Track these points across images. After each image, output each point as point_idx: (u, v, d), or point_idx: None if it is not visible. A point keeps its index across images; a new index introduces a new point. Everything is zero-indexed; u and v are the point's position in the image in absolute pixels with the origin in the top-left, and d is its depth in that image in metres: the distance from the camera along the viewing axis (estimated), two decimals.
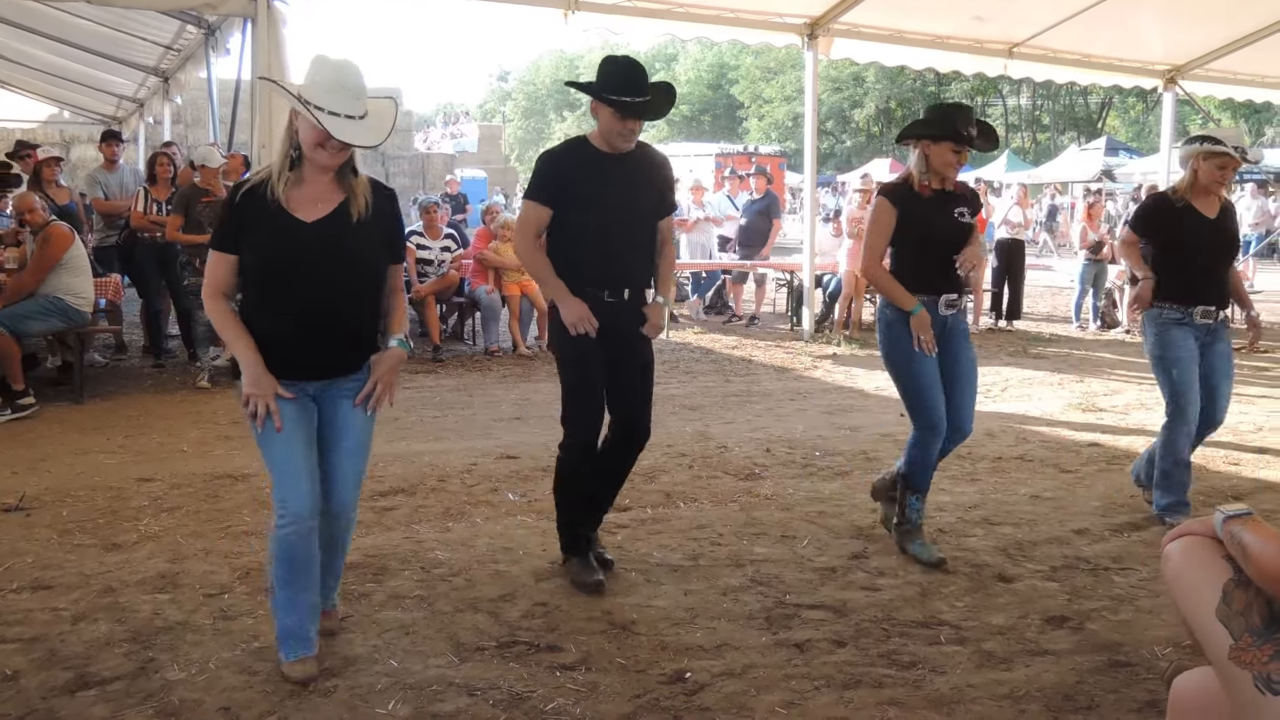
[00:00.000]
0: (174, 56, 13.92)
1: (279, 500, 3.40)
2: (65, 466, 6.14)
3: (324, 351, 3.48)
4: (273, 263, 3.40)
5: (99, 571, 4.43)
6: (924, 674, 3.58)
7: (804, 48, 11.57)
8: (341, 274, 3.43)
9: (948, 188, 4.71)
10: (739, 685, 3.49)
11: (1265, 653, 2.10)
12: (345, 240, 3.43)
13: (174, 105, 16.10)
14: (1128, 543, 5.02)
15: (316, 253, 3.39)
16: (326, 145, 3.33)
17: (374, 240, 3.52)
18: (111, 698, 3.33)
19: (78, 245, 8.02)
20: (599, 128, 4.19)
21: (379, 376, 3.54)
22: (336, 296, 3.44)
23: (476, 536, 4.98)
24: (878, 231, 4.71)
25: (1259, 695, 2.08)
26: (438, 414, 7.84)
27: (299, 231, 3.39)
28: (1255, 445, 7.07)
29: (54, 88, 18.30)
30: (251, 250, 3.41)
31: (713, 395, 8.77)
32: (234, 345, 3.43)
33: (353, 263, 3.45)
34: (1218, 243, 5.30)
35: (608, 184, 4.15)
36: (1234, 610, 2.19)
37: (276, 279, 3.41)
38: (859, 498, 5.65)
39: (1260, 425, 7.72)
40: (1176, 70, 13.27)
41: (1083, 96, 52.24)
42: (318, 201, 3.44)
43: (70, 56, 14.90)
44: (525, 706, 3.32)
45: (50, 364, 9.09)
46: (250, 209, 3.40)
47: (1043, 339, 12.61)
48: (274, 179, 3.40)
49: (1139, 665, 3.66)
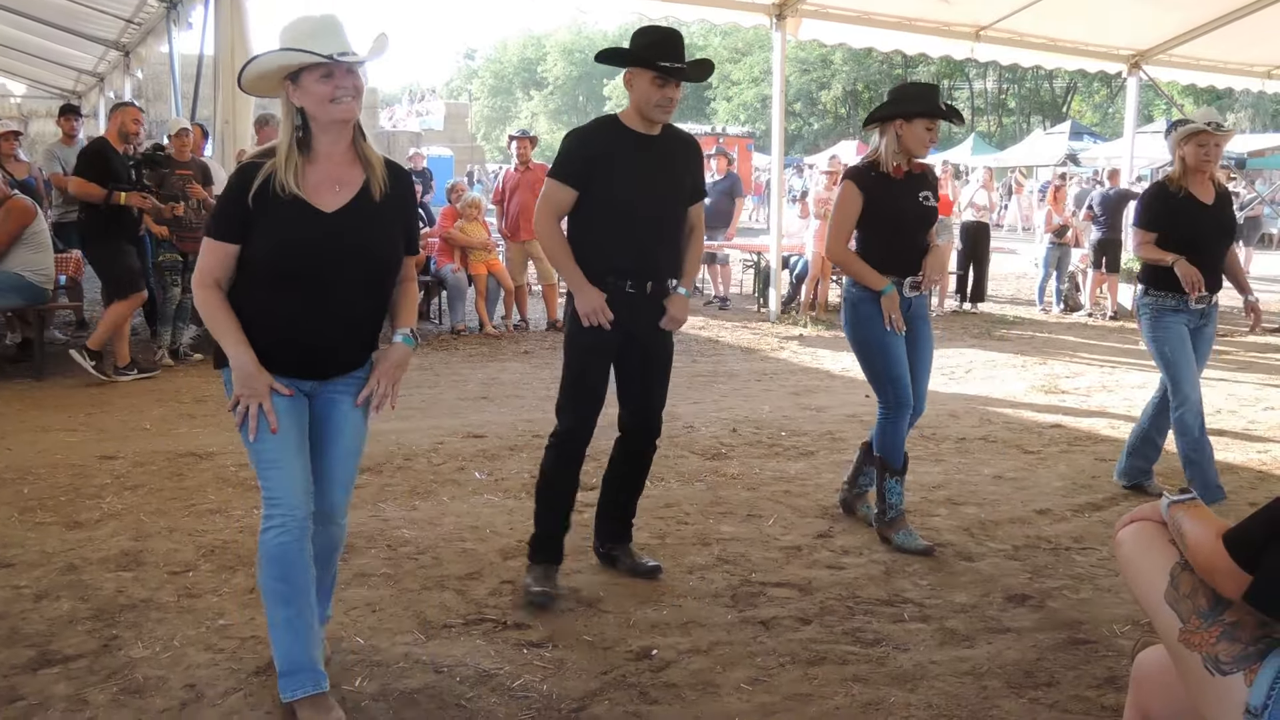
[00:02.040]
0: (135, 30, 13.77)
1: (269, 501, 3.06)
2: (26, 444, 6.07)
3: (331, 352, 3.17)
4: (288, 259, 3.03)
5: (61, 549, 4.39)
6: (887, 651, 3.62)
7: (772, 28, 11.58)
8: (362, 266, 3.11)
9: (914, 170, 4.74)
10: (705, 662, 3.51)
11: (1212, 634, 2.13)
12: (367, 230, 3.09)
13: (135, 79, 15.94)
14: (1088, 522, 5.10)
15: (337, 250, 3.04)
16: (337, 89, 2.95)
17: (395, 231, 3.19)
18: (75, 675, 3.31)
19: (39, 220, 7.91)
20: (634, 100, 3.94)
21: (383, 374, 3.20)
22: (356, 291, 3.13)
23: (443, 515, 4.98)
24: (844, 215, 4.73)
25: (1208, 675, 2.12)
26: (404, 392, 7.70)
27: (319, 224, 3.02)
28: (1214, 428, 7.09)
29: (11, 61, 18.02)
30: (262, 245, 3.02)
31: (679, 375, 8.74)
32: (224, 340, 3.04)
33: (375, 259, 3.15)
34: (1215, 231, 5.39)
35: (638, 166, 3.94)
36: (1181, 594, 2.22)
37: (290, 276, 3.04)
38: (824, 477, 5.69)
39: (1219, 408, 7.80)
40: (1141, 55, 13.40)
41: (1048, 81, 52.52)
42: (336, 184, 3.07)
43: (28, 29, 14.67)
44: (492, 683, 3.33)
45: (9, 341, 8.99)
46: (258, 197, 2.99)
47: (1007, 321, 12.72)
48: (281, 166, 2.99)
49: (1098, 643, 3.72)
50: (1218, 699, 2.12)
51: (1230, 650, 2.11)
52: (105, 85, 17.48)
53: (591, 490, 5.26)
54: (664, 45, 3.88)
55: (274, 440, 3.03)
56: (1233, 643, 2.11)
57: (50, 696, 3.18)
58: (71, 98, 18.01)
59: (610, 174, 3.90)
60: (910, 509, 5.16)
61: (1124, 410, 7.65)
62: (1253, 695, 2.05)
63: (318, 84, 2.95)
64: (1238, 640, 2.11)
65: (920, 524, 4.96)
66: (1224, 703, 2.10)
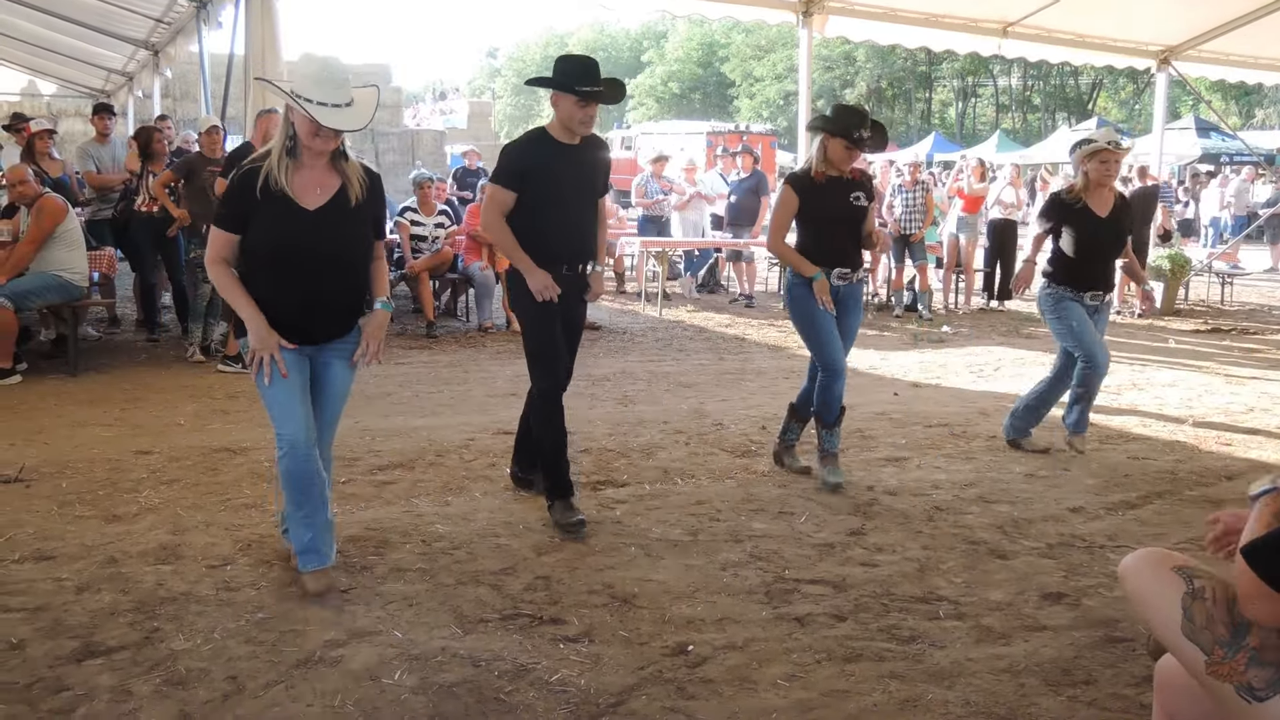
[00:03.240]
0: (164, 30, 13.83)
1: (279, 435, 3.88)
2: (63, 438, 6.14)
3: (321, 322, 3.96)
4: (278, 246, 3.83)
5: (100, 542, 4.44)
6: (924, 648, 3.62)
7: (799, 25, 11.53)
8: (337, 254, 3.90)
9: (845, 176, 5.46)
10: (741, 658, 3.52)
11: (1240, 663, 2.10)
12: (341, 225, 3.89)
13: (164, 79, 16.00)
14: (1122, 521, 5.07)
15: (316, 238, 3.83)
16: (320, 133, 3.74)
17: (364, 222, 4.00)
18: (118, 666, 3.35)
19: (71, 218, 7.98)
20: (559, 117, 4.65)
21: (369, 336, 4.03)
22: (333, 273, 3.90)
23: (476, 510, 5.00)
24: (781, 213, 5.54)
25: (1245, 704, 2.09)
26: (433, 390, 7.85)
27: (301, 218, 3.82)
28: (1247, 426, 7.13)
29: (42, 60, 18.17)
30: (258, 233, 3.82)
31: (707, 373, 8.80)
32: (238, 306, 3.86)
33: (347, 244, 3.94)
34: (1108, 239, 6.08)
35: (564, 171, 4.69)
36: (1198, 626, 2.18)
37: (280, 260, 3.84)
38: (855, 475, 5.69)
39: (1251, 406, 7.78)
40: (1170, 51, 13.30)
41: (1073, 77, 52.27)
42: (316, 187, 3.87)
43: (59, 29, 14.78)
44: (530, 677, 3.35)
45: (44, 337, 9.07)
46: (255, 194, 3.77)
47: (1034, 319, 12.65)
48: (274, 167, 3.78)
49: (1135, 641, 3.69)
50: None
51: (1262, 676, 2.07)
52: (134, 84, 17.59)
53: (622, 487, 5.30)
54: (585, 72, 4.62)
55: (283, 385, 3.85)
56: (1262, 668, 2.08)
57: (95, 687, 3.22)
58: (101, 96, 18.14)
59: (544, 179, 4.65)
60: (943, 506, 5.20)
61: (1155, 408, 7.61)
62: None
63: (307, 123, 3.73)
64: (1267, 664, 2.08)
65: (954, 521, 4.97)
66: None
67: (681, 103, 62.48)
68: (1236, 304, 14.86)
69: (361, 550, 4.41)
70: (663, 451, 6.13)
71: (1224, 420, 7.27)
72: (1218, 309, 14.23)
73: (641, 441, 6.35)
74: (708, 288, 14.57)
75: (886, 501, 5.28)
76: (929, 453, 6.27)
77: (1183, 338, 11.50)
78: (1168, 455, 6.31)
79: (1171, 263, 13.46)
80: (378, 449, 5.95)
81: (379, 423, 6.61)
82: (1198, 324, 12.57)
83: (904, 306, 12.75)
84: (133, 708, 3.11)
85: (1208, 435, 6.81)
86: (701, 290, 14.42)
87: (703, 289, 14.48)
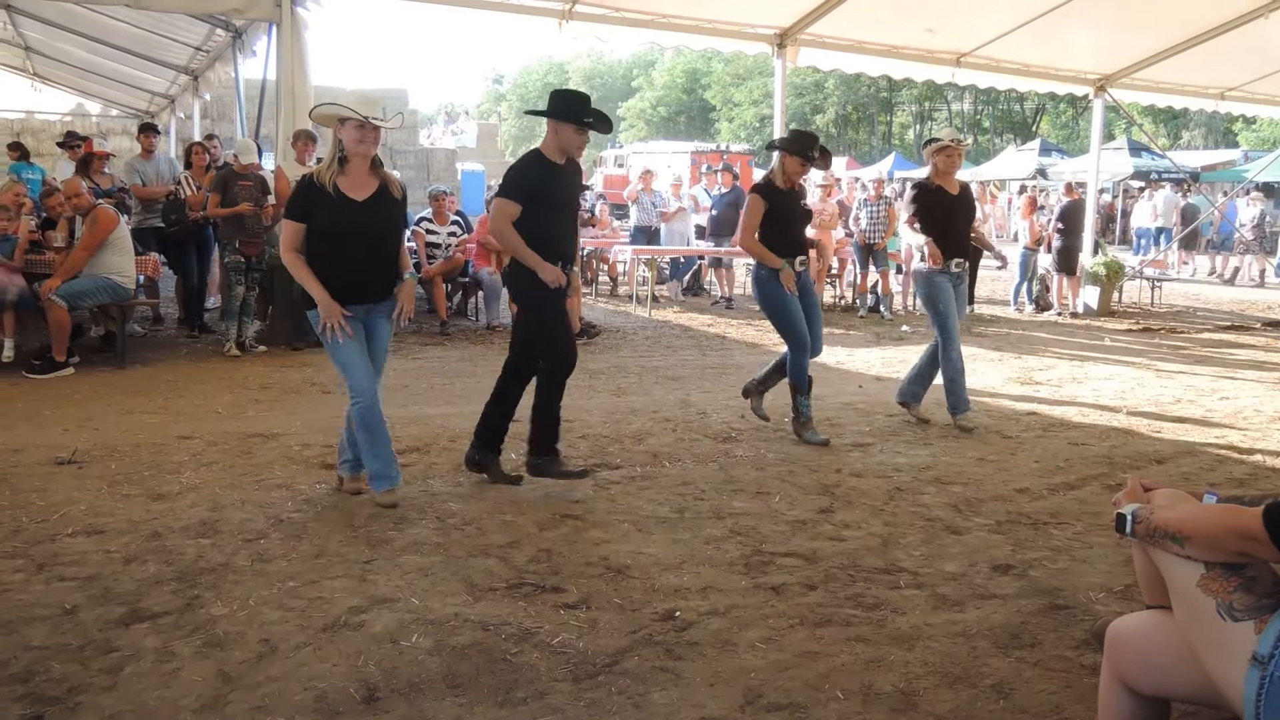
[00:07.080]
0: (203, 57, 13.77)
1: (351, 387, 4.56)
2: (112, 425, 6.11)
3: (369, 288, 4.63)
4: (336, 228, 4.52)
5: (146, 518, 4.42)
6: (886, 614, 3.62)
7: (774, 56, 11.50)
8: (383, 235, 4.65)
9: (794, 188, 6.14)
10: (723, 623, 3.51)
11: (1231, 584, 2.09)
12: (383, 213, 4.64)
13: (203, 101, 15.91)
14: (1064, 500, 5.07)
15: (367, 219, 4.57)
16: (364, 137, 4.50)
17: (398, 213, 4.77)
18: (162, 630, 3.34)
19: (122, 227, 7.96)
20: (558, 141, 4.93)
21: (404, 300, 4.74)
22: (378, 249, 4.63)
23: (485, 490, 4.99)
24: (751, 216, 6.02)
25: (1218, 621, 2.09)
26: (446, 382, 7.83)
27: (354, 207, 4.55)
28: (1175, 415, 7.15)
29: (91, 84, 18.07)
30: (322, 219, 4.51)
31: (692, 367, 8.79)
32: (307, 283, 4.51)
33: (388, 228, 4.70)
34: (961, 214, 6.59)
35: (559, 187, 4.99)
36: None
37: (338, 240, 4.52)
38: (825, 459, 5.69)
39: (1179, 398, 7.80)
40: (1106, 79, 13.30)
41: (1019, 103, 52.25)
42: (361, 188, 4.60)
43: (107, 55, 14.71)
44: (534, 640, 3.34)
45: (94, 333, 9.02)
46: (316, 192, 4.52)
47: (983, 320, 12.68)
48: (326, 173, 4.53)
49: (1076, 608, 3.70)
50: (1223, 645, 2.08)
51: (1245, 600, 2.07)
52: (176, 106, 17.50)
53: (615, 469, 5.28)
54: (583, 105, 4.98)
55: (348, 346, 4.52)
56: (1248, 594, 2.08)
57: (141, 649, 3.20)
58: (145, 117, 18.04)
59: (544, 194, 4.91)
60: (903, 487, 5.19)
61: (1092, 399, 7.63)
62: (1261, 643, 2.01)
63: (354, 131, 4.52)
64: (1253, 592, 2.08)
65: (912, 500, 4.97)
66: (1230, 649, 2.06)
67: (668, 125, 62.39)
68: (1165, 306, 14.90)
69: (382, 525, 4.40)
70: (652, 437, 6.12)
71: (1154, 410, 7.29)
72: (1148, 310, 14.27)
73: (633, 428, 6.34)
74: (692, 291, 14.55)
75: (852, 483, 5.28)
76: (890, 439, 6.27)
77: (1117, 336, 11.52)
78: (1104, 441, 6.32)
79: (1107, 269, 13.48)
80: (397, 435, 5.86)
81: (397, 411, 6.57)
82: (1130, 324, 12.60)
83: (868, 308, 12.77)
84: (175, 667, 3.09)
85: (1140, 423, 6.83)
86: (687, 294, 14.41)
87: (688, 292, 14.46)
